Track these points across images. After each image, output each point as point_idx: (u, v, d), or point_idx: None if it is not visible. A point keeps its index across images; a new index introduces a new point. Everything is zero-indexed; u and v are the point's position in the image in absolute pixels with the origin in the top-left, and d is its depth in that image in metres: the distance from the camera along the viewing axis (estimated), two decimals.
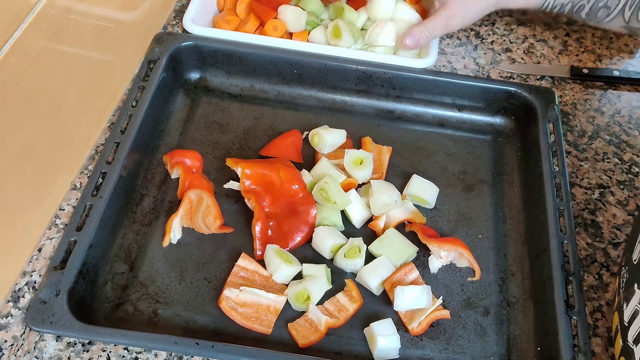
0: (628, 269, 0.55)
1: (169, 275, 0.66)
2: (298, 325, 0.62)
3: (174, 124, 0.79)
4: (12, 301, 0.61)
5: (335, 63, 0.80)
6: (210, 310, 0.63)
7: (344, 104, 0.83)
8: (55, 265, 0.62)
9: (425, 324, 0.63)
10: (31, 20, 0.57)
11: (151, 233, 0.69)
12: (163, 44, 0.80)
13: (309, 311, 0.62)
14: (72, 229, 0.64)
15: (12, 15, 0.54)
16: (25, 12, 0.56)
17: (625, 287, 0.55)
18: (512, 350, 0.63)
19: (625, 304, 0.53)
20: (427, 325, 0.63)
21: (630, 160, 0.79)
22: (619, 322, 0.55)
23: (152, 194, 0.72)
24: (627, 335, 0.52)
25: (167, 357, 0.60)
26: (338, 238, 0.67)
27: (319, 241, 0.67)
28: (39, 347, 0.59)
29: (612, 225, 0.73)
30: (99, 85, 0.73)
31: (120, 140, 0.71)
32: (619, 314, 0.55)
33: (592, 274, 0.68)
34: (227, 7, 0.91)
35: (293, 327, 0.62)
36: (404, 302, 0.63)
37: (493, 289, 0.68)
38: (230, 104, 0.83)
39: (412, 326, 0.63)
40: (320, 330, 0.62)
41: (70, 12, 0.63)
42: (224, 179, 0.72)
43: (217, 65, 0.83)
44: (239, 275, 0.65)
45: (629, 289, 0.53)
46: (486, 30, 0.95)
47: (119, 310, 0.63)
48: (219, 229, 0.69)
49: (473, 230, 0.72)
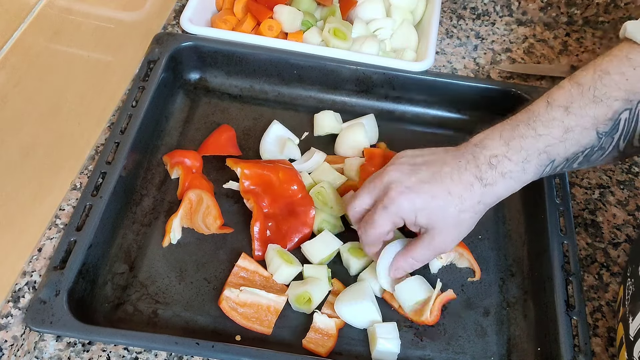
0: (634, 282, 0.54)
1: (168, 276, 0.66)
2: (312, 339, 0.61)
3: (173, 124, 0.79)
4: (12, 301, 0.61)
5: (335, 64, 0.80)
6: (210, 310, 0.63)
7: (344, 105, 0.83)
8: (55, 265, 0.61)
9: (437, 310, 0.63)
10: (31, 20, 0.57)
11: (151, 233, 0.69)
12: (163, 44, 0.80)
13: (316, 321, 0.62)
14: (72, 229, 0.64)
15: (12, 15, 0.54)
16: (25, 12, 0.56)
17: (631, 301, 0.54)
18: (512, 351, 0.63)
19: (631, 318, 0.53)
20: (439, 310, 0.63)
21: (630, 160, 0.79)
22: (623, 335, 0.54)
23: (152, 194, 0.72)
24: (633, 351, 0.51)
25: (167, 357, 0.60)
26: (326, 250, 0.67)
27: (308, 253, 0.67)
28: (39, 347, 0.59)
29: (612, 225, 0.73)
30: (99, 85, 0.73)
31: (120, 140, 0.71)
32: (624, 325, 0.54)
33: (592, 274, 0.68)
34: (225, 7, 0.91)
35: (308, 342, 0.61)
36: (407, 298, 0.63)
37: (493, 289, 0.68)
38: (230, 104, 0.83)
39: (424, 317, 0.63)
40: (333, 335, 0.62)
41: (70, 12, 0.63)
42: (224, 179, 0.72)
43: (217, 66, 0.83)
44: (239, 275, 0.65)
45: (636, 303, 0.53)
46: (486, 30, 0.95)
47: (119, 311, 0.63)
48: (219, 229, 0.69)
49: (473, 230, 0.72)
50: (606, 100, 0.54)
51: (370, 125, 0.79)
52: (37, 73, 0.59)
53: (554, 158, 0.56)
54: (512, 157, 0.56)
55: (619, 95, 0.54)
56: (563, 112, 0.55)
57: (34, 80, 0.59)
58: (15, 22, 0.55)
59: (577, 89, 0.55)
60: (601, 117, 0.54)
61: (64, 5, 0.62)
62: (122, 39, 0.77)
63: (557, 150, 0.56)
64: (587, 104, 0.54)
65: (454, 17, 0.96)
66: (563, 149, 0.55)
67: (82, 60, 0.68)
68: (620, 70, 0.54)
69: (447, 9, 0.97)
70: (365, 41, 0.83)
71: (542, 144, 0.55)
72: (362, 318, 0.62)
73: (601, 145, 0.56)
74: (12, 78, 0.55)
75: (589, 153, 0.56)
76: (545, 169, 0.57)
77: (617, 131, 0.55)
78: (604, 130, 0.55)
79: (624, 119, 0.55)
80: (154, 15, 0.86)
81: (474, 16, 0.97)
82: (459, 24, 0.96)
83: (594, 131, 0.55)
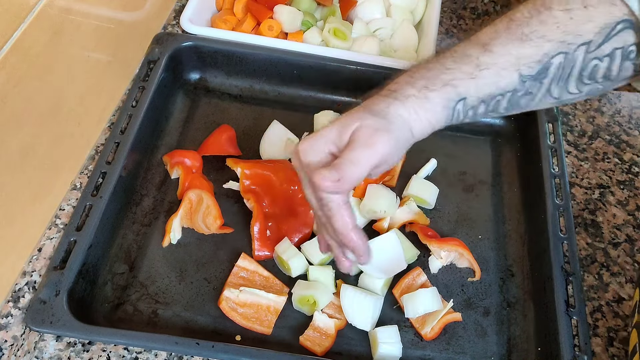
0: None
1: (168, 276, 0.66)
2: (309, 336, 0.61)
3: (173, 124, 0.79)
4: (12, 301, 0.61)
5: (335, 64, 0.80)
6: (210, 310, 0.63)
7: (344, 105, 0.83)
8: (55, 265, 0.61)
9: (438, 329, 0.63)
10: (31, 20, 0.57)
11: (151, 233, 0.69)
12: (163, 44, 0.80)
13: (316, 320, 0.62)
14: (72, 229, 0.64)
15: (12, 15, 0.54)
16: (25, 12, 0.56)
17: None
18: (512, 351, 0.63)
19: None
20: (440, 329, 0.63)
21: (630, 160, 0.79)
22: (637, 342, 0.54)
23: (152, 194, 0.72)
24: None
25: (167, 357, 0.60)
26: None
27: (308, 253, 0.67)
28: (39, 347, 0.59)
29: (612, 225, 0.73)
30: (99, 85, 0.73)
31: (120, 140, 0.71)
32: (638, 332, 0.54)
33: (592, 274, 0.68)
34: (225, 7, 0.91)
35: (306, 339, 0.61)
36: (415, 309, 0.63)
37: (493, 289, 0.68)
38: (230, 104, 0.83)
39: (425, 331, 0.63)
40: (331, 335, 0.62)
41: (70, 12, 0.63)
42: (224, 179, 0.72)
43: (216, 66, 0.83)
44: (239, 275, 0.65)
45: None
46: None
47: (119, 311, 0.63)
48: (219, 229, 0.69)
49: (473, 230, 0.72)
50: (536, 39, 0.48)
51: None
52: (37, 73, 0.59)
53: (463, 95, 0.50)
54: (414, 83, 0.51)
55: (554, 36, 0.47)
56: (480, 49, 0.49)
57: (33, 80, 0.59)
58: (15, 22, 0.55)
59: (506, 24, 0.49)
60: (525, 58, 0.48)
61: (64, 5, 0.62)
62: (122, 39, 0.77)
63: (466, 86, 0.50)
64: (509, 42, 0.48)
65: (454, 17, 0.96)
66: (474, 86, 0.50)
67: (82, 60, 0.68)
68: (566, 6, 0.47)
69: (447, 9, 0.97)
70: (365, 41, 0.83)
71: (447, 77, 0.50)
72: (364, 311, 0.63)
73: (527, 90, 0.50)
74: (12, 78, 0.55)
75: (512, 97, 0.51)
76: (456, 106, 0.51)
77: (547, 76, 0.49)
78: (529, 74, 0.49)
79: (557, 64, 0.48)
80: (154, 15, 0.86)
81: (474, 16, 0.97)
82: (459, 24, 0.96)
83: (515, 73, 0.49)
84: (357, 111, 0.52)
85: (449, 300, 0.65)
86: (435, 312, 0.63)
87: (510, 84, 0.50)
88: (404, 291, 0.65)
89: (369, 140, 0.49)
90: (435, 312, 0.63)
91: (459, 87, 0.50)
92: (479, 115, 0.53)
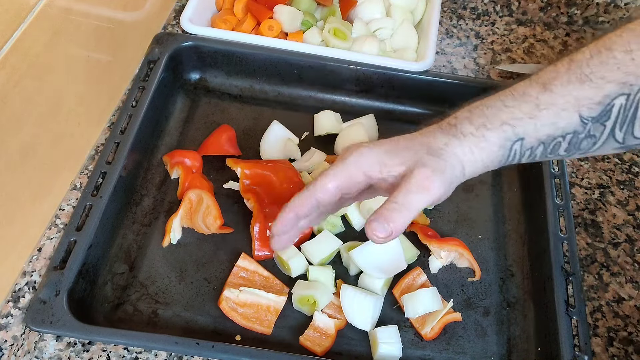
0: None
1: (168, 276, 0.66)
2: (309, 336, 0.61)
3: (173, 124, 0.79)
4: (12, 301, 0.61)
5: (335, 64, 0.80)
6: (210, 310, 0.63)
7: (343, 105, 0.83)
8: (55, 265, 0.61)
9: (438, 329, 0.63)
10: (31, 20, 0.57)
11: (151, 233, 0.69)
12: (163, 44, 0.80)
13: (316, 319, 0.62)
14: (72, 229, 0.64)
15: (12, 15, 0.54)
16: (25, 12, 0.56)
17: None
18: (512, 351, 0.63)
19: None
20: (440, 329, 0.63)
21: (630, 160, 0.79)
22: None
23: (152, 194, 0.72)
24: None
25: (167, 357, 0.60)
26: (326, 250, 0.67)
27: (308, 253, 0.67)
28: (39, 347, 0.59)
29: (612, 225, 0.73)
30: (99, 85, 0.73)
31: (120, 140, 0.71)
32: None
33: (592, 274, 0.68)
34: (225, 7, 0.91)
35: (306, 339, 0.61)
36: (415, 309, 0.63)
37: (493, 289, 0.68)
38: (230, 104, 0.83)
39: (425, 331, 0.63)
40: (331, 335, 0.62)
41: (70, 12, 0.63)
42: (224, 179, 0.72)
43: (216, 66, 0.83)
44: (239, 275, 0.65)
45: None
46: (486, 30, 0.95)
47: (119, 311, 0.63)
48: (219, 229, 0.69)
49: (473, 230, 0.72)
50: (596, 80, 0.46)
51: (370, 125, 0.79)
52: (37, 73, 0.59)
53: (522, 136, 0.49)
54: (473, 120, 0.50)
55: (614, 77, 0.46)
56: (540, 88, 0.49)
57: (33, 80, 0.59)
58: (15, 22, 0.55)
59: (566, 65, 0.48)
60: (585, 99, 0.47)
61: (64, 5, 0.62)
62: (122, 39, 0.77)
63: (524, 126, 0.49)
64: (569, 83, 0.47)
65: (454, 17, 0.97)
66: (532, 127, 0.49)
67: (82, 60, 0.68)
68: (628, 47, 0.46)
69: (447, 9, 0.97)
70: (365, 41, 0.83)
71: (506, 116, 0.49)
72: (364, 310, 0.62)
73: (589, 133, 0.48)
74: (12, 78, 0.55)
75: (572, 139, 0.49)
76: (513, 146, 0.50)
77: (609, 119, 0.47)
78: (590, 115, 0.47)
79: (619, 106, 0.47)
80: (154, 15, 0.86)
81: (474, 16, 0.97)
82: (459, 24, 0.96)
83: (575, 114, 0.47)
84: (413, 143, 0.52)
85: (449, 300, 0.65)
86: (435, 312, 0.63)
87: (570, 126, 0.48)
88: (404, 291, 0.65)
89: (425, 183, 0.49)
90: (435, 312, 0.63)
91: (517, 127, 0.49)
92: (538, 157, 0.52)
